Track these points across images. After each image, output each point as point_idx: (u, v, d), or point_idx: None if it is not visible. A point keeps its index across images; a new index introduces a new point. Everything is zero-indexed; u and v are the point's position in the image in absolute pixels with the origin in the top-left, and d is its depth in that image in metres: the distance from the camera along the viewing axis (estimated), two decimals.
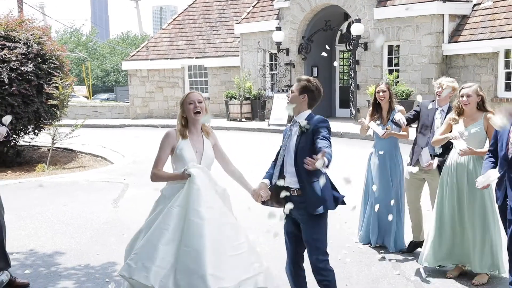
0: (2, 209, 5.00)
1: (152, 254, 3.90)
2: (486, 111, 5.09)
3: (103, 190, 9.61)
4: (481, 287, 5.07)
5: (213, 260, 3.86)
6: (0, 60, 12.02)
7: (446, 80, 5.62)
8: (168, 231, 3.94)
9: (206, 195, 4.03)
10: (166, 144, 4.23)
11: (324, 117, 4.18)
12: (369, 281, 5.28)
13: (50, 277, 5.38)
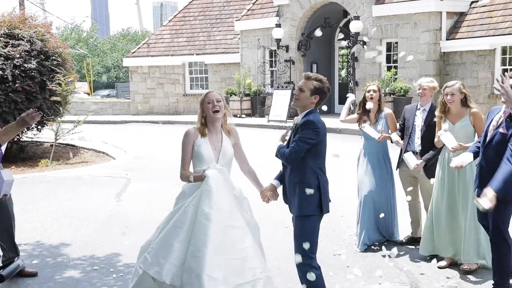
0: (11, 201, 5.21)
1: (166, 251, 4.05)
2: (469, 107, 5.32)
3: (105, 185, 9.83)
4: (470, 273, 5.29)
5: (212, 261, 3.93)
6: (4, 57, 12.24)
7: (425, 81, 5.84)
8: (182, 230, 4.07)
9: (216, 196, 4.08)
10: (187, 143, 4.34)
11: (315, 117, 4.14)
12: (364, 271, 5.49)
13: (57, 267, 5.60)
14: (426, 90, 5.77)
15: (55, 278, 5.28)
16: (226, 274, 3.95)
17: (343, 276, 5.36)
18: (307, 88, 4.18)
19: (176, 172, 4.56)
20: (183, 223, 4.08)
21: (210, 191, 4.08)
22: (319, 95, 4.19)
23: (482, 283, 5.11)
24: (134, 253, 5.88)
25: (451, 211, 5.42)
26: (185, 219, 4.09)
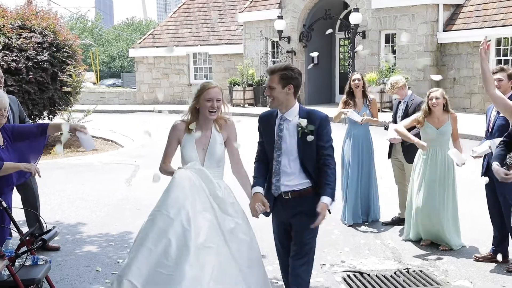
0: (36, 183, 5.82)
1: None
2: (450, 112, 5.92)
3: (116, 171, 10.45)
4: (448, 252, 5.88)
5: (139, 268, 3.65)
6: (18, 49, 12.81)
7: (389, 86, 6.51)
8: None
9: (171, 200, 3.79)
10: (172, 137, 4.07)
11: (321, 113, 3.83)
12: (353, 248, 6.09)
13: (76, 243, 6.23)
14: (397, 93, 6.43)
15: (75, 252, 5.91)
16: (147, 286, 3.59)
17: (335, 251, 5.96)
18: (275, 83, 3.75)
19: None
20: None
21: (167, 192, 3.83)
22: (291, 83, 3.75)
23: (459, 257, 5.70)
24: None
25: (430, 199, 5.96)
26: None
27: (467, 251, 5.87)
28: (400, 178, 6.78)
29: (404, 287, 5.02)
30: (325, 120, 3.78)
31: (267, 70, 3.86)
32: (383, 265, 5.55)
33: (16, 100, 5.85)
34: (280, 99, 3.76)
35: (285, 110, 3.80)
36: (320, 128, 3.74)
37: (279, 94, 3.74)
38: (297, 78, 3.77)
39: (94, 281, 5.11)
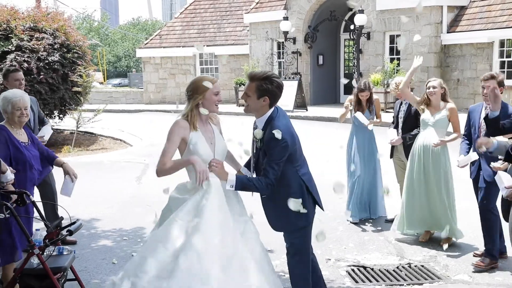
0: (54, 179, 6.09)
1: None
2: (447, 102, 6.12)
3: (125, 169, 10.72)
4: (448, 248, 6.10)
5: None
6: (29, 50, 13.11)
7: (393, 85, 6.74)
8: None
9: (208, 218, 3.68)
10: (176, 134, 3.77)
11: (276, 132, 3.66)
12: (357, 244, 6.32)
13: (91, 237, 6.50)
14: (398, 93, 6.66)
15: (91, 246, 6.18)
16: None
17: (339, 247, 6.20)
18: (252, 91, 3.70)
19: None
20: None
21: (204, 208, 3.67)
22: (267, 96, 3.70)
23: (459, 253, 5.93)
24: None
25: (426, 193, 6.19)
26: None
27: (466, 247, 6.10)
28: (401, 177, 6.98)
29: (406, 280, 5.25)
30: (274, 140, 3.64)
31: (248, 74, 3.77)
32: (386, 260, 5.78)
33: (35, 101, 6.13)
34: (254, 107, 3.74)
35: (258, 117, 3.81)
36: (267, 145, 3.69)
37: (253, 103, 3.73)
38: (275, 91, 3.70)
39: (110, 272, 5.36)
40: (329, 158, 10.53)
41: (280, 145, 3.65)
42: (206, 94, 3.73)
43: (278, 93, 3.73)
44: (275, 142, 3.64)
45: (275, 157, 3.66)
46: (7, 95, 4.53)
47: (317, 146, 12.08)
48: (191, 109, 3.77)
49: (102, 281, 5.12)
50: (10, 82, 5.72)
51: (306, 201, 3.86)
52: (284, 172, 3.78)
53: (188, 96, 3.81)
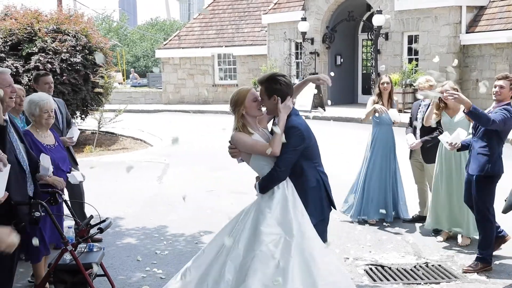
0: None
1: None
2: None
3: (147, 169, 10.91)
4: (465, 247, 6.20)
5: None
6: (53, 51, 13.40)
7: (422, 80, 6.78)
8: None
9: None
10: (245, 137, 3.96)
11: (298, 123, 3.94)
12: (375, 243, 6.43)
13: (116, 235, 6.70)
14: (425, 89, 6.70)
15: (116, 244, 6.37)
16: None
17: (357, 246, 6.31)
18: (263, 94, 3.95)
19: (209, 158, 5.13)
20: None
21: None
22: (277, 94, 3.91)
23: (472, 252, 5.98)
24: (179, 226, 7.03)
25: (449, 193, 6.31)
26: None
27: None
28: (420, 178, 7.09)
29: (423, 279, 5.34)
30: (291, 128, 3.86)
31: (256, 81, 4.02)
32: (404, 260, 5.88)
33: (63, 103, 6.34)
34: (270, 108, 3.98)
35: (277, 115, 4.01)
36: (285, 135, 3.86)
37: (267, 104, 3.96)
38: (281, 89, 3.89)
39: (135, 269, 5.56)
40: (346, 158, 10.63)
41: (296, 133, 3.87)
42: (246, 103, 3.91)
43: (286, 90, 3.92)
44: (293, 130, 3.86)
45: (291, 144, 3.85)
46: (34, 99, 4.71)
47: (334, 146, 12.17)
48: (238, 120, 3.96)
49: (128, 277, 5.30)
50: (40, 86, 5.93)
51: (323, 197, 4.07)
52: (303, 167, 3.97)
53: (233, 110, 3.99)
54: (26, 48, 13.38)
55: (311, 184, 4.01)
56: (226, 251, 3.87)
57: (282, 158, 3.88)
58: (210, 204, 8.08)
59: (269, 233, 3.79)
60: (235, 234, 3.92)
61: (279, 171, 3.88)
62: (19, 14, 14.38)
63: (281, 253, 3.75)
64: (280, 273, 3.68)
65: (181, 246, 6.28)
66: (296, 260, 3.74)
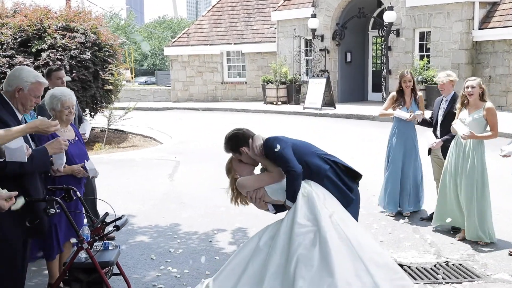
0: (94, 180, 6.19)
1: None
2: (485, 101, 6.05)
3: (158, 166, 10.82)
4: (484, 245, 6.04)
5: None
6: (62, 48, 13.33)
7: (442, 76, 6.63)
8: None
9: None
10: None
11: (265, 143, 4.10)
12: (393, 242, 6.29)
13: (129, 233, 6.59)
14: (444, 84, 6.56)
15: (129, 242, 6.26)
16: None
17: None
18: (235, 155, 4.16)
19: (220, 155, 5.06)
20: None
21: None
22: (244, 145, 4.10)
23: (498, 252, 5.85)
24: (192, 223, 6.91)
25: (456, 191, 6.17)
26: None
27: (506, 246, 6.01)
28: (438, 175, 6.93)
29: (445, 279, 5.20)
30: (267, 146, 4.00)
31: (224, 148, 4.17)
32: (423, 259, 5.73)
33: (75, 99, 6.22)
34: (248, 161, 4.13)
35: (259, 159, 4.16)
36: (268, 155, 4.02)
37: (244, 159, 4.11)
38: (239, 139, 4.07)
39: (149, 268, 5.44)
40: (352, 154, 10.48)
41: (272, 141, 4.02)
42: (235, 167, 4.18)
43: (242, 137, 4.09)
44: (268, 142, 4.02)
45: (276, 147, 3.95)
46: (56, 94, 4.61)
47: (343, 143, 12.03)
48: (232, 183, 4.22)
49: (142, 276, 5.19)
50: (53, 81, 5.83)
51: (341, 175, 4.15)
52: (307, 161, 4.05)
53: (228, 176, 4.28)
54: (35, 44, 13.32)
55: (325, 167, 4.07)
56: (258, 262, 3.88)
57: (282, 159, 3.93)
58: (222, 201, 7.88)
59: (302, 233, 3.79)
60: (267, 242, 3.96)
61: (290, 167, 3.91)
62: (28, 11, 14.32)
63: (320, 249, 3.73)
64: (325, 268, 3.67)
65: (194, 244, 6.17)
66: (337, 250, 3.73)
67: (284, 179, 4.00)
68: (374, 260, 3.80)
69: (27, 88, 3.78)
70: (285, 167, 3.93)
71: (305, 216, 3.83)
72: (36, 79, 3.84)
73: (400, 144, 7.12)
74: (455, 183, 6.15)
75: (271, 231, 3.99)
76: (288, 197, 3.96)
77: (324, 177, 4.04)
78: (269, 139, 4.05)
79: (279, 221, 4.07)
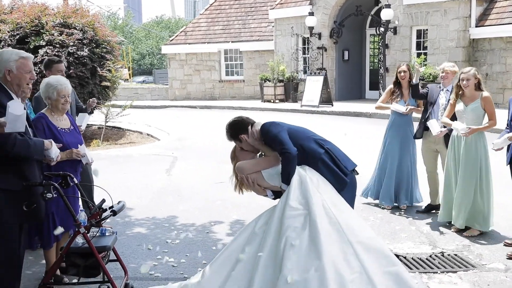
0: (91, 168, 6.21)
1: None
2: (482, 91, 6.08)
3: (155, 162, 10.84)
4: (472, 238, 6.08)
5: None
6: (60, 45, 13.33)
7: (448, 65, 6.66)
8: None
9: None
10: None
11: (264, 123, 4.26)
12: (389, 233, 6.33)
13: (126, 225, 6.62)
14: (448, 73, 6.61)
15: (126, 233, 6.29)
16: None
17: None
18: (236, 143, 4.30)
19: (217, 152, 5.21)
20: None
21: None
22: (243, 132, 4.22)
23: (493, 243, 5.90)
24: (189, 216, 6.95)
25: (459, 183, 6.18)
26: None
27: (500, 236, 6.06)
28: (432, 166, 7.01)
29: (440, 268, 5.24)
30: (263, 129, 4.13)
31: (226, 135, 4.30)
32: (419, 249, 5.78)
33: (73, 90, 6.25)
34: (248, 148, 4.27)
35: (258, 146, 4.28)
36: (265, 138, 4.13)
37: (244, 146, 4.26)
38: (239, 128, 4.21)
39: (147, 257, 5.48)
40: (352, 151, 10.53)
41: (269, 125, 4.15)
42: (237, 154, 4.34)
43: (242, 125, 4.23)
44: (265, 126, 4.14)
45: (272, 131, 4.07)
46: (52, 82, 4.63)
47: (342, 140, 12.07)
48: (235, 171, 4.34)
49: (139, 265, 5.21)
50: (53, 73, 5.86)
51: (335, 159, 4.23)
52: (302, 145, 4.14)
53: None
54: (33, 41, 13.32)
55: (320, 151, 4.17)
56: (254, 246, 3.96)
57: (277, 141, 4.02)
58: (219, 195, 7.99)
59: (293, 216, 3.86)
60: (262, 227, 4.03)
61: (285, 149, 3.98)
62: (26, 7, 14.32)
63: (309, 232, 3.78)
64: (313, 251, 3.72)
65: (192, 235, 6.20)
66: (326, 234, 3.78)
67: (280, 164, 4.06)
68: (364, 245, 3.83)
69: (15, 67, 3.77)
70: (280, 150, 4.00)
71: (297, 200, 3.90)
72: (19, 55, 3.82)
73: (397, 138, 7.15)
74: (458, 176, 6.17)
75: (266, 216, 4.05)
76: (283, 180, 4.02)
77: (319, 160, 4.12)
78: (266, 124, 4.17)
79: (273, 206, 4.11)
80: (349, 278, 3.65)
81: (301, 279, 3.60)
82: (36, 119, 4.55)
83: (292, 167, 4.00)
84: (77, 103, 6.27)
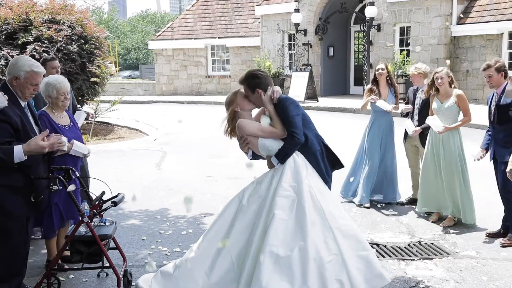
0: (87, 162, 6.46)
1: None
2: (454, 88, 6.46)
3: (145, 156, 11.10)
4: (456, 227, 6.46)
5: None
6: (48, 40, 13.47)
7: (412, 69, 7.03)
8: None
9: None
10: (248, 121, 4.39)
11: (285, 96, 4.35)
12: (370, 224, 6.68)
13: (120, 217, 6.88)
14: (415, 75, 6.96)
15: (121, 225, 6.56)
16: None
17: None
18: (247, 91, 4.32)
19: (205, 147, 5.40)
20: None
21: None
22: (260, 87, 4.28)
23: (467, 232, 6.28)
24: (180, 208, 7.24)
25: (438, 176, 6.58)
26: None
27: (473, 227, 6.43)
28: (414, 162, 7.35)
29: (417, 256, 5.60)
30: (284, 100, 4.28)
31: (239, 81, 4.38)
32: (398, 238, 6.12)
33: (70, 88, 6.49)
34: (255, 101, 4.35)
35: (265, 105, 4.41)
36: (281, 109, 4.26)
37: (253, 99, 4.34)
38: (261, 82, 4.26)
39: (141, 247, 5.77)
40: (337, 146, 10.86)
41: (290, 101, 4.28)
42: (238, 101, 4.35)
43: (266, 81, 4.30)
44: (286, 100, 4.27)
45: (291, 111, 4.23)
46: (51, 81, 4.89)
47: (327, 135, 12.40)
48: (230, 117, 4.40)
49: (135, 254, 5.51)
50: (48, 70, 6.07)
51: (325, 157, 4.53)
52: (307, 134, 4.37)
53: (227, 110, 4.44)
54: (21, 37, 13.45)
55: (317, 147, 4.44)
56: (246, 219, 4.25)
57: (293, 123, 4.21)
58: (209, 188, 8.30)
59: (283, 196, 4.18)
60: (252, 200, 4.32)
61: (296, 134, 4.22)
62: (13, 4, 14.43)
63: (296, 214, 4.14)
64: (299, 232, 4.08)
65: (183, 227, 6.50)
66: (311, 219, 4.14)
67: (279, 140, 4.29)
68: (342, 231, 4.25)
69: (23, 77, 3.99)
70: (291, 131, 4.23)
71: (289, 183, 4.22)
72: (31, 68, 4.02)
73: (378, 137, 7.39)
74: (435, 169, 6.54)
75: (248, 189, 4.35)
76: (279, 157, 4.27)
77: (311, 155, 4.41)
78: (287, 99, 4.30)
79: (254, 181, 4.43)
80: (327, 259, 4.09)
81: (286, 256, 4.01)
82: (38, 116, 4.81)
83: (293, 151, 4.29)
84: (73, 101, 6.51)
